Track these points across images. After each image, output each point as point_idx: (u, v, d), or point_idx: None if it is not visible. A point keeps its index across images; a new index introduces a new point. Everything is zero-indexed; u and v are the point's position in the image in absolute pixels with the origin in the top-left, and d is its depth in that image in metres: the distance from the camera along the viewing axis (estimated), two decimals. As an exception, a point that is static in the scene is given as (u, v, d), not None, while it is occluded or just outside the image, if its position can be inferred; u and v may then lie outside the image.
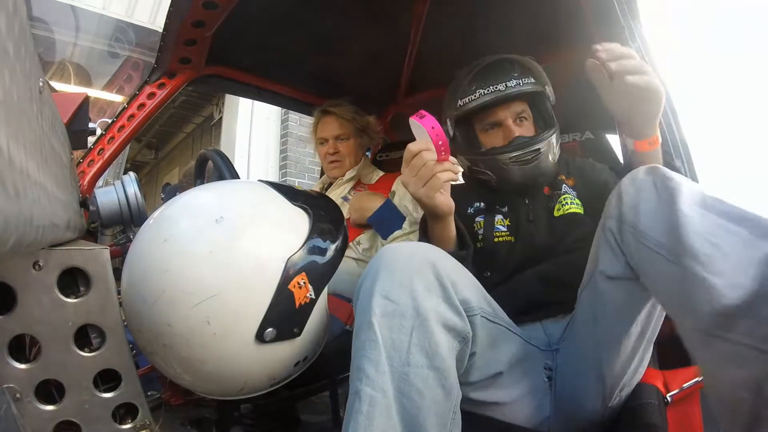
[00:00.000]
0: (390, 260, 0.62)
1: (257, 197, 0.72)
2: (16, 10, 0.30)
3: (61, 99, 0.89)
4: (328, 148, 1.38)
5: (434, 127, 0.69)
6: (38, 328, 0.59)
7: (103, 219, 1.03)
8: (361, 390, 0.54)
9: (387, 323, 0.57)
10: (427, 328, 0.58)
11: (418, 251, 0.65)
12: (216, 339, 0.60)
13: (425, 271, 0.61)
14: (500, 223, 0.95)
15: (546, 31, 1.16)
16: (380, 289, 0.60)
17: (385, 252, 0.64)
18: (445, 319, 0.60)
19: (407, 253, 0.64)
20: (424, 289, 0.60)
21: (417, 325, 0.58)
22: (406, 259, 0.62)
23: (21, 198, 0.29)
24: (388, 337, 0.57)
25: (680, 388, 0.72)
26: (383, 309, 0.58)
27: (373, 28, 1.27)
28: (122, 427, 0.66)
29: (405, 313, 0.58)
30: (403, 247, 0.65)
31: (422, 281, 0.60)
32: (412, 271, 0.61)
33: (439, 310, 0.60)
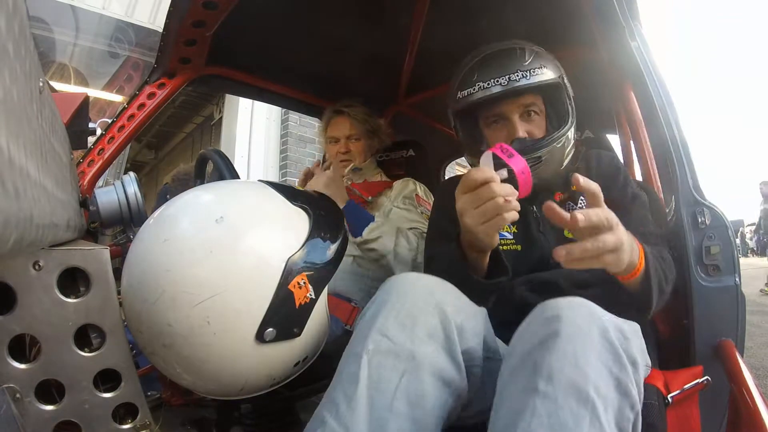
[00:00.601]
0: (397, 295, 0.60)
1: (257, 197, 0.72)
2: (16, 9, 0.30)
3: (61, 99, 0.89)
4: (339, 147, 1.39)
5: (524, 173, 0.61)
6: (38, 328, 0.59)
7: (103, 219, 1.03)
8: (327, 421, 0.52)
9: (378, 361, 0.54)
10: (419, 376, 0.54)
11: (428, 289, 0.61)
12: (216, 339, 0.60)
13: (431, 315, 0.58)
14: (506, 229, 0.89)
15: (546, 30, 1.16)
16: (380, 325, 0.57)
17: (394, 284, 0.62)
18: (442, 371, 0.56)
19: (417, 290, 0.60)
20: (426, 335, 0.57)
21: (410, 369, 0.54)
22: (414, 298, 0.59)
23: (21, 198, 0.29)
24: (376, 375, 0.53)
25: (681, 389, 0.72)
26: (377, 345, 0.55)
27: (373, 28, 1.26)
28: (122, 427, 0.66)
29: (400, 354, 0.55)
30: (415, 281, 0.62)
31: (426, 326, 0.57)
32: (418, 312, 0.58)
33: (437, 359, 0.56)
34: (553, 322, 0.52)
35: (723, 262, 0.84)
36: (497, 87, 0.80)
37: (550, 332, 0.51)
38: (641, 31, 0.94)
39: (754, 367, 2.73)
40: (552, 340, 0.50)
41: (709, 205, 0.85)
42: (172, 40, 1.07)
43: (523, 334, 0.56)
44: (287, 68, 1.41)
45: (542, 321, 0.54)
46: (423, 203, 1.32)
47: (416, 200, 1.31)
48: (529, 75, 0.80)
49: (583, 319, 0.52)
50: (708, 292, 0.83)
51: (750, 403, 0.69)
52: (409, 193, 1.33)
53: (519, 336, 0.57)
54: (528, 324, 0.57)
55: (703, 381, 0.74)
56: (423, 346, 0.56)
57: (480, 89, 0.82)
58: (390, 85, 1.60)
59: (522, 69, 0.81)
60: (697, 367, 0.77)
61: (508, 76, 0.80)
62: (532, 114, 0.85)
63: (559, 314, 0.52)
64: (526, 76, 0.80)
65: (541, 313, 0.56)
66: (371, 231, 1.15)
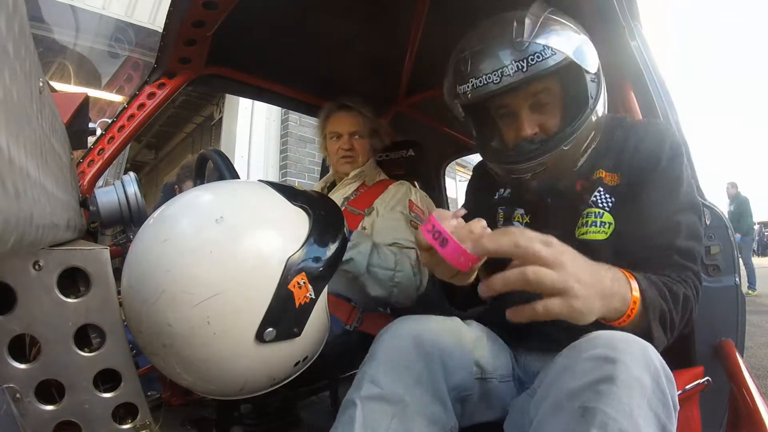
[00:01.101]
0: (386, 345, 0.65)
1: (257, 197, 0.72)
2: (16, 9, 0.30)
3: (61, 99, 0.89)
4: (342, 143, 1.35)
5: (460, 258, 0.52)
6: (38, 328, 0.59)
7: (103, 219, 1.03)
8: None
9: (370, 406, 0.59)
10: (408, 417, 0.59)
11: (413, 336, 0.65)
12: (216, 339, 0.60)
13: (416, 362, 0.63)
14: (518, 219, 0.84)
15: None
16: (371, 374, 0.63)
17: (385, 335, 0.67)
18: (429, 412, 0.61)
19: (402, 339, 0.65)
20: (413, 381, 0.62)
21: (398, 412, 0.59)
22: (399, 347, 0.64)
23: (21, 198, 0.29)
24: (369, 418, 0.58)
25: (683, 389, 0.72)
26: (369, 392, 0.61)
27: (373, 28, 1.26)
28: (122, 427, 0.66)
29: (389, 399, 0.60)
30: (401, 330, 0.67)
31: (413, 373, 0.62)
32: (404, 361, 0.63)
33: (424, 401, 0.61)
34: (606, 364, 0.49)
35: (723, 262, 0.84)
36: (491, 85, 0.69)
37: (603, 376, 0.49)
38: (641, 31, 0.94)
39: (754, 367, 2.73)
40: (606, 385, 0.48)
41: (709, 205, 0.86)
42: (172, 40, 1.07)
43: (570, 366, 0.53)
44: (287, 68, 1.41)
45: (594, 359, 0.51)
46: (415, 210, 1.27)
47: (408, 206, 1.26)
48: (525, 65, 0.66)
49: (638, 363, 0.50)
50: (708, 292, 0.83)
51: (750, 403, 0.70)
52: (402, 198, 1.28)
53: (565, 368, 0.54)
54: (576, 356, 0.53)
55: (703, 382, 0.74)
56: (410, 391, 0.60)
57: (473, 87, 0.70)
58: (390, 85, 1.59)
59: (517, 59, 0.67)
60: (698, 368, 0.77)
61: (501, 70, 0.67)
62: (543, 101, 0.73)
63: (615, 357, 0.50)
64: (522, 67, 0.66)
65: (592, 348, 0.52)
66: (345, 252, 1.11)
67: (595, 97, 0.72)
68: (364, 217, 1.27)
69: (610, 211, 0.74)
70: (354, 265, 1.07)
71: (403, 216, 1.24)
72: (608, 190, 0.75)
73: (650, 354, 0.52)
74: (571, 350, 0.55)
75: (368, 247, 1.10)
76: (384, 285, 1.10)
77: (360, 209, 1.29)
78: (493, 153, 0.81)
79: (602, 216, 0.74)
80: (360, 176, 1.38)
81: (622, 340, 0.52)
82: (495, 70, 0.68)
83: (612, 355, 0.50)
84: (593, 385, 0.48)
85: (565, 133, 0.71)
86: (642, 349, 0.52)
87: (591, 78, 0.71)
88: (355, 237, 1.12)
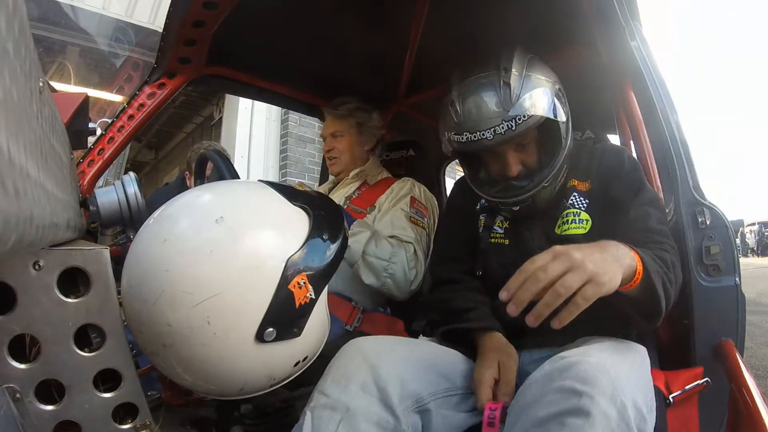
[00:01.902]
0: (336, 363, 0.70)
1: (257, 197, 0.72)
2: (16, 9, 0.30)
3: (61, 99, 0.89)
4: (326, 146, 1.40)
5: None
6: (38, 328, 0.59)
7: (103, 219, 1.03)
8: None
9: (318, 414, 0.63)
10: (354, 424, 0.62)
11: (361, 352, 0.69)
12: (216, 339, 0.60)
13: (362, 373, 0.67)
14: (499, 224, 0.95)
15: (546, 30, 1.16)
16: (321, 386, 0.67)
17: (337, 355, 0.71)
18: (378, 418, 0.64)
19: (350, 354, 0.70)
20: (359, 389, 0.65)
21: (345, 419, 0.62)
22: (347, 361, 0.69)
23: (21, 198, 0.29)
24: (317, 425, 0.62)
25: (682, 389, 0.72)
26: (317, 401, 0.65)
27: (373, 28, 1.26)
28: (122, 427, 0.65)
29: (336, 407, 0.63)
30: (351, 348, 0.71)
31: (358, 382, 0.65)
32: (350, 372, 0.67)
33: (371, 409, 0.64)
34: (573, 397, 0.52)
35: (723, 262, 0.84)
36: (485, 141, 0.81)
37: (570, 408, 0.52)
38: (641, 31, 0.94)
39: (754, 367, 2.73)
40: (572, 418, 0.51)
41: (709, 205, 0.85)
42: (172, 40, 1.07)
43: (540, 396, 0.56)
44: (287, 68, 1.41)
45: (562, 391, 0.54)
46: (417, 206, 1.28)
47: (410, 203, 1.28)
48: (514, 125, 0.80)
49: (604, 396, 0.52)
50: (708, 292, 0.83)
51: (750, 403, 0.69)
52: (405, 194, 1.30)
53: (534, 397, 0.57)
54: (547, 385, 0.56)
55: (702, 382, 0.74)
56: (356, 399, 0.64)
57: (468, 141, 0.83)
58: (390, 85, 1.59)
59: (506, 119, 0.80)
60: (698, 368, 0.77)
61: (493, 129, 0.80)
62: (524, 143, 0.86)
63: (582, 390, 0.52)
64: (512, 126, 0.80)
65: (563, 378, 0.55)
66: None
67: (566, 137, 0.86)
68: (366, 216, 1.27)
69: (586, 210, 0.87)
70: (349, 253, 1.09)
71: (403, 212, 1.24)
72: (582, 194, 0.89)
73: (619, 386, 0.54)
74: (544, 378, 0.58)
75: (366, 236, 1.12)
76: (377, 274, 1.12)
77: (362, 208, 1.30)
78: (481, 185, 0.93)
79: (579, 215, 0.87)
80: (360, 175, 1.38)
81: (593, 371, 0.54)
82: (488, 128, 0.81)
83: (579, 388, 0.52)
84: (559, 416, 0.52)
85: (544, 173, 0.85)
86: (611, 381, 0.54)
87: (563, 122, 0.85)
88: (355, 225, 1.13)
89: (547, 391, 0.55)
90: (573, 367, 0.56)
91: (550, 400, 0.54)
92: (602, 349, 0.64)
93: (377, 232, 1.17)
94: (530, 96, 0.81)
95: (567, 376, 0.55)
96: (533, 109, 0.81)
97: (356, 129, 1.38)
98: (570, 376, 0.54)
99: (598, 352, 0.61)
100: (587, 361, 0.56)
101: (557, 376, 0.56)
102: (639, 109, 0.98)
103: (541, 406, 0.54)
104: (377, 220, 1.25)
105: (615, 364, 0.58)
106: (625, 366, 0.60)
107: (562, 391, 0.54)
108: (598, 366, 0.55)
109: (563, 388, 0.54)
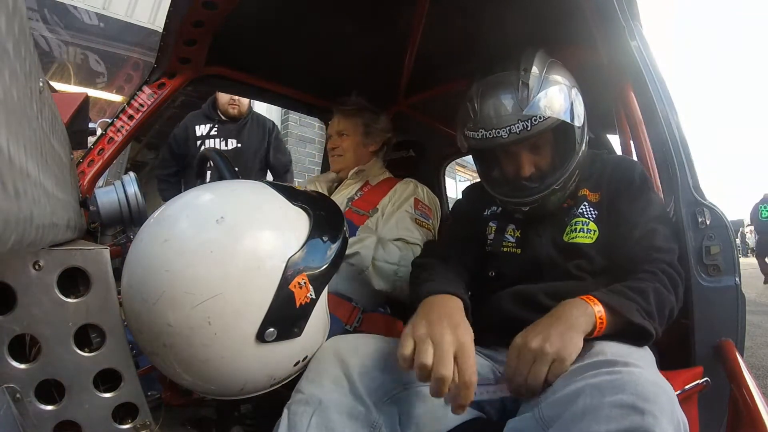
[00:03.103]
0: (312, 361, 0.71)
1: (257, 197, 0.72)
2: (16, 9, 0.30)
3: (61, 99, 0.90)
4: (330, 143, 1.39)
5: None
6: (38, 328, 0.59)
7: (103, 219, 1.03)
8: None
9: (294, 409, 0.66)
10: (326, 415, 0.64)
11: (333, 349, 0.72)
12: (217, 339, 0.60)
13: (333, 368, 0.69)
14: (510, 233, 0.95)
15: (546, 30, 1.16)
16: (298, 385, 0.69)
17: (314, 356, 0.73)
18: (350, 409, 0.66)
19: (324, 353, 0.72)
20: (331, 383, 0.67)
21: (317, 411, 0.65)
22: (321, 360, 0.71)
23: (21, 198, 0.29)
24: (292, 421, 0.65)
25: (682, 389, 0.72)
26: (293, 399, 0.67)
27: (373, 28, 1.26)
28: (122, 427, 0.66)
29: (309, 401, 0.65)
30: (325, 347, 0.73)
31: (330, 377, 0.68)
32: (322, 369, 0.69)
33: (343, 401, 0.66)
34: (634, 414, 0.50)
35: (723, 263, 0.84)
36: (499, 139, 0.83)
37: (633, 427, 0.49)
38: (641, 31, 0.94)
39: (754, 367, 2.74)
40: None
41: (709, 205, 0.85)
42: (172, 40, 1.07)
43: (593, 409, 0.52)
44: (287, 68, 1.41)
45: (621, 407, 0.51)
46: (422, 208, 1.28)
47: (414, 204, 1.27)
48: (529, 125, 0.81)
49: (665, 416, 0.50)
50: (708, 292, 0.83)
51: (750, 403, 0.69)
52: (408, 196, 1.29)
53: (587, 409, 0.53)
54: (599, 398, 0.52)
55: (702, 382, 0.74)
56: (328, 393, 0.66)
57: (483, 138, 0.84)
58: (390, 85, 1.59)
59: (523, 119, 0.81)
60: (698, 368, 0.77)
61: (509, 127, 0.81)
62: (538, 145, 0.87)
63: (643, 408, 0.50)
64: (527, 126, 0.81)
65: (618, 391, 0.52)
66: (350, 246, 1.12)
67: (580, 142, 0.87)
68: (369, 218, 1.27)
69: (595, 221, 0.88)
70: (359, 259, 1.09)
71: (408, 214, 1.24)
72: (591, 205, 0.89)
73: (676, 406, 0.52)
74: (594, 390, 0.54)
75: (373, 241, 1.12)
76: (388, 279, 1.12)
77: (364, 210, 1.29)
78: (495, 183, 0.94)
79: (588, 224, 0.88)
80: (361, 175, 1.38)
81: (651, 388, 0.52)
82: (504, 127, 0.82)
83: (640, 406, 0.50)
84: None
85: (555, 176, 0.85)
86: (669, 400, 0.52)
87: (578, 127, 0.86)
88: (361, 231, 1.13)
89: (602, 405, 0.51)
90: (629, 381, 0.53)
91: (607, 414, 0.50)
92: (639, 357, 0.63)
93: (383, 238, 1.17)
94: (547, 98, 0.82)
95: (624, 389, 0.52)
96: (549, 111, 0.82)
97: (362, 129, 1.38)
98: (629, 389, 0.51)
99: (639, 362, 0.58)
100: (641, 374, 0.54)
101: (610, 388, 0.53)
102: (639, 109, 0.98)
103: (597, 421, 0.51)
104: (382, 224, 1.24)
105: (662, 379, 0.56)
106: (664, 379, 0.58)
107: (621, 406, 0.50)
108: (655, 382, 0.53)
109: (622, 404, 0.50)
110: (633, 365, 0.56)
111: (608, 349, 0.63)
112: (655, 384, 0.53)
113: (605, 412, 0.51)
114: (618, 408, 0.50)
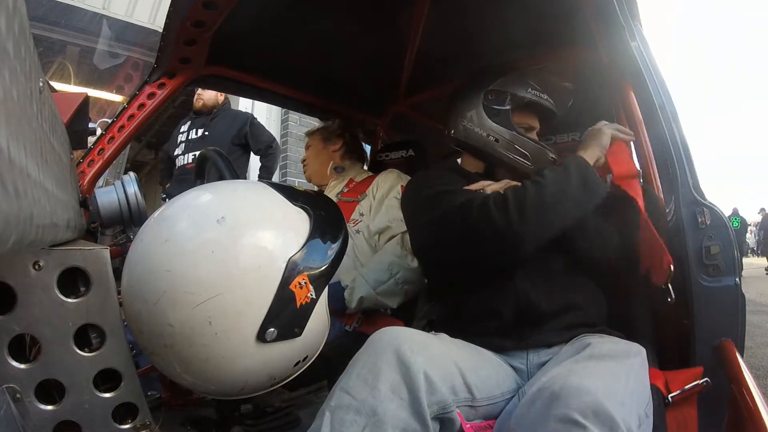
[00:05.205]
0: (362, 353, 0.63)
1: (258, 197, 0.72)
2: (16, 9, 0.30)
3: (61, 99, 0.89)
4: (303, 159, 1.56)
5: None
6: (38, 328, 0.59)
7: (103, 219, 1.02)
8: None
9: (339, 417, 0.57)
10: (380, 430, 0.56)
11: (393, 344, 0.62)
12: (217, 339, 0.60)
13: (392, 371, 0.60)
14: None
15: (546, 30, 1.16)
16: (344, 382, 0.60)
17: (365, 346, 0.65)
18: (405, 426, 0.57)
19: (381, 348, 0.62)
20: (388, 390, 0.58)
21: (371, 424, 0.56)
22: (377, 355, 0.61)
23: (21, 198, 0.29)
24: (337, 430, 0.56)
25: (681, 389, 0.72)
26: (339, 401, 0.58)
27: (373, 28, 1.26)
28: (122, 427, 0.65)
29: (361, 410, 0.57)
30: (380, 341, 0.64)
31: (387, 382, 0.59)
32: (379, 369, 0.60)
33: (399, 415, 0.57)
34: (575, 429, 0.52)
35: (723, 263, 0.84)
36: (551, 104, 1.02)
37: None
38: (641, 31, 0.94)
39: (754, 367, 2.73)
40: None
41: (709, 205, 0.85)
42: (172, 40, 1.07)
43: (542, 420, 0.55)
44: (287, 68, 1.41)
45: (565, 422, 0.53)
46: None
47: (401, 191, 1.28)
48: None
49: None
50: (708, 292, 0.83)
51: (750, 403, 0.69)
52: (393, 184, 1.32)
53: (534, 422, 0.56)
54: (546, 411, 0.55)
55: (702, 382, 0.74)
56: (385, 402, 0.57)
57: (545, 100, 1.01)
58: (390, 85, 1.59)
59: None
60: (697, 368, 0.77)
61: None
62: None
63: (585, 425, 0.52)
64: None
65: (564, 406, 0.54)
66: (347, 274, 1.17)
67: None
68: (359, 203, 1.33)
69: None
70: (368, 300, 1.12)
71: (396, 200, 1.28)
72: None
73: (618, 417, 0.53)
74: (546, 401, 0.56)
75: (360, 279, 1.14)
76: (396, 292, 1.15)
77: (353, 197, 1.35)
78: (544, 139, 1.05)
79: None
80: (344, 175, 1.45)
81: (594, 405, 0.53)
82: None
83: (582, 422, 0.52)
84: None
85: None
86: (610, 416, 0.53)
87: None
88: (344, 280, 1.13)
89: (549, 418, 0.54)
90: (575, 395, 0.55)
91: (553, 428, 0.53)
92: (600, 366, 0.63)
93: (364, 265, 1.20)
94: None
95: (569, 405, 0.54)
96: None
97: (320, 136, 1.51)
98: (573, 406, 0.53)
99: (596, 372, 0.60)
100: (588, 389, 0.55)
101: (557, 403, 0.55)
102: (639, 109, 0.98)
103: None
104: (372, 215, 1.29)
105: (614, 393, 0.57)
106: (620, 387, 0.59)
107: (565, 421, 0.53)
108: (596, 399, 0.54)
109: (566, 419, 0.53)
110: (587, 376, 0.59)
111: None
112: (597, 399, 0.54)
113: (550, 426, 0.54)
114: (561, 423, 0.53)
